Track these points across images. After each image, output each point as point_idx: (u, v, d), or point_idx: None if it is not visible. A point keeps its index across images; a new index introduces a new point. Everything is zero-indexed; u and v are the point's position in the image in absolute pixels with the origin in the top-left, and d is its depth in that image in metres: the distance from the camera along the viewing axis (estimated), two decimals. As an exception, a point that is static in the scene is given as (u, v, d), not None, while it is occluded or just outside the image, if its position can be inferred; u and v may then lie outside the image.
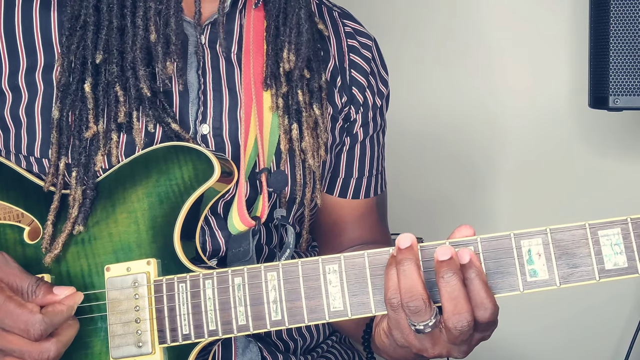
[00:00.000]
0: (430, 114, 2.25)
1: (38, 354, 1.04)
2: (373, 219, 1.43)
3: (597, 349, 2.25)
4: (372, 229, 1.43)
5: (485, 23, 2.23)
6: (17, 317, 1.04)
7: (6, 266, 1.09)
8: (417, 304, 0.98)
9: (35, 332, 1.04)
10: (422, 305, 0.98)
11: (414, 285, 0.98)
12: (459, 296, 0.97)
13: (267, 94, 1.24)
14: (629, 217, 1.00)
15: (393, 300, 0.99)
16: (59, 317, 1.07)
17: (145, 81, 1.16)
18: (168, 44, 1.17)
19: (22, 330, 1.04)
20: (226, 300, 1.08)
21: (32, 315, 1.04)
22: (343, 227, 1.41)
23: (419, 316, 0.98)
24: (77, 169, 1.15)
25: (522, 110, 2.25)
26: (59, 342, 1.06)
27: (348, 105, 1.35)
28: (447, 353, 1.04)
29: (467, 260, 0.98)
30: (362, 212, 1.41)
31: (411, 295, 0.98)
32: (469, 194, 2.28)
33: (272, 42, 1.25)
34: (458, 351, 1.04)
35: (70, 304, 1.09)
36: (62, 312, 1.08)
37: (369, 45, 1.39)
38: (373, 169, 1.41)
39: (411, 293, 0.98)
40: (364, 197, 1.41)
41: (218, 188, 1.16)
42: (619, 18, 1.77)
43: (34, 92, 1.18)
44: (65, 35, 1.16)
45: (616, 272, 0.99)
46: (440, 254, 0.98)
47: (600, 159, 2.24)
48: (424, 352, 1.04)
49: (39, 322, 1.04)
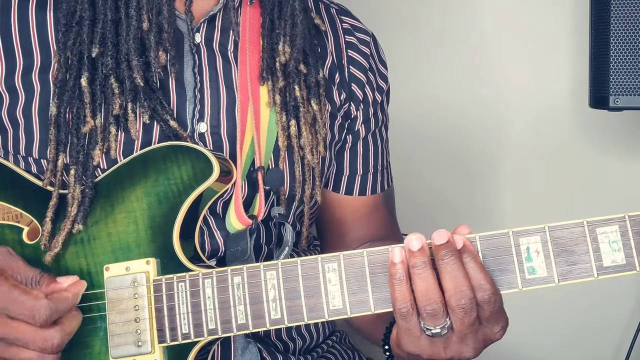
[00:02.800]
0: (429, 113, 2.25)
1: (42, 342, 1.04)
2: (381, 216, 1.43)
3: (598, 348, 2.25)
4: (381, 226, 1.43)
5: (484, 22, 2.23)
6: (22, 304, 1.03)
7: (10, 258, 1.10)
8: (435, 307, 0.99)
9: (40, 317, 1.03)
10: (439, 309, 0.99)
11: (430, 287, 0.99)
12: (459, 275, 0.99)
13: (264, 90, 1.25)
14: (627, 214, 1.00)
15: (403, 310, 1.00)
16: (64, 304, 1.07)
17: (138, 71, 1.16)
18: (160, 32, 1.17)
19: (27, 316, 1.03)
20: (225, 299, 1.08)
21: (38, 301, 1.04)
22: (351, 225, 1.41)
23: (436, 319, 1.00)
24: (76, 167, 1.15)
25: (522, 110, 2.25)
26: (63, 331, 1.06)
27: (347, 102, 1.35)
28: (458, 355, 1.04)
29: (461, 245, 1.01)
30: (370, 209, 1.41)
31: (428, 299, 0.99)
32: (468, 193, 2.28)
33: (268, 35, 1.26)
34: (468, 350, 1.04)
35: (75, 291, 1.09)
36: (68, 298, 1.08)
37: (367, 41, 1.39)
38: (378, 165, 1.41)
39: (428, 296, 0.99)
40: (371, 193, 1.41)
41: (217, 188, 1.16)
42: (620, 18, 1.77)
43: (31, 93, 1.18)
44: (62, 32, 1.17)
45: (614, 269, 1.00)
46: (437, 239, 1.01)
47: (600, 158, 2.23)
48: (435, 357, 1.04)
49: (44, 307, 1.04)
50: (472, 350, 1.04)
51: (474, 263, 1.00)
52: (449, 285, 0.99)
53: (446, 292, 0.99)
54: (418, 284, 1.00)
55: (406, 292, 1.00)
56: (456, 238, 1.01)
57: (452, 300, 0.99)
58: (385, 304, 1.04)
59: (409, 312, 1.00)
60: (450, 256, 1.00)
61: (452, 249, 1.00)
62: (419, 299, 1.00)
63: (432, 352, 1.04)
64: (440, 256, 1.00)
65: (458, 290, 0.99)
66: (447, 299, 0.99)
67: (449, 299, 0.99)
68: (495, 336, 1.04)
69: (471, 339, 1.03)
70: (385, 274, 1.04)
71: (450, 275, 0.99)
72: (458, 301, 0.99)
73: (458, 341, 1.02)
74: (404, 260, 1.01)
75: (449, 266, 0.99)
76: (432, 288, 0.99)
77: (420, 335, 1.02)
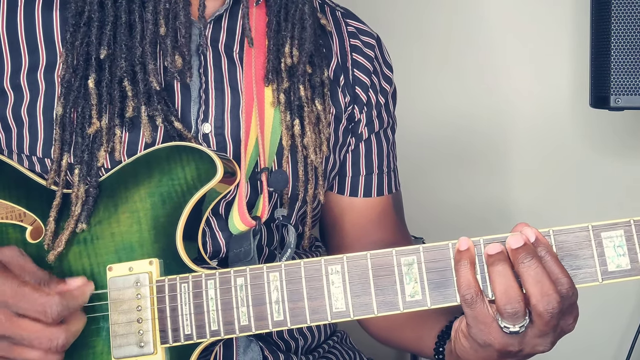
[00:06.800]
0: (430, 114, 2.25)
1: (48, 341, 1.04)
2: (392, 220, 1.42)
3: (598, 350, 2.25)
4: (393, 231, 1.41)
5: (485, 23, 2.23)
6: (34, 300, 1.03)
7: (21, 258, 1.10)
8: (516, 307, 0.97)
9: (53, 313, 1.03)
10: (520, 309, 0.97)
11: (510, 285, 0.97)
12: (543, 278, 0.96)
13: (268, 90, 1.24)
14: (632, 219, 1.00)
15: (467, 296, 0.99)
16: (74, 302, 1.07)
17: (155, 75, 1.16)
18: (177, 37, 1.17)
19: (39, 312, 1.03)
20: (228, 301, 1.08)
21: (50, 297, 1.04)
22: (361, 231, 1.39)
23: (516, 319, 0.98)
24: (80, 167, 1.15)
25: (522, 110, 2.25)
26: (68, 331, 1.06)
27: (352, 105, 1.34)
28: (531, 349, 1.02)
29: (533, 238, 0.98)
30: (379, 212, 1.40)
31: (508, 299, 0.97)
32: (471, 194, 2.28)
33: (274, 37, 1.25)
34: (545, 344, 1.02)
35: (84, 290, 1.09)
36: (77, 297, 1.08)
37: (372, 44, 1.38)
38: (383, 166, 1.40)
39: (508, 296, 0.97)
40: (377, 194, 1.39)
41: (220, 189, 1.16)
42: (620, 17, 1.77)
43: (36, 92, 1.18)
44: (70, 32, 1.17)
45: (619, 273, 0.99)
46: (513, 243, 0.98)
47: (601, 158, 2.24)
48: (509, 347, 1.01)
49: (56, 304, 1.04)
50: (548, 344, 1.02)
51: (550, 256, 0.98)
52: (534, 291, 0.96)
53: (532, 296, 0.97)
54: (497, 282, 0.98)
55: (471, 278, 0.99)
56: (527, 232, 0.99)
57: (540, 306, 0.96)
58: (388, 307, 1.03)
59: (473, 299, 0.98)
60: (531, 258, 0.97)
61: (531, 250, 0.97)
62: (498, 298, 0.97)
63: (505, 343, 1.01)
64: (520, 260, 0.97)
65: (545, 294, 0.96)
66: (534, 303, 0.97)
67: (535, 303, 0.96)
68: (568, 328, 1.02)
69: (550, 335, 1.01)
70: (388, 277, 1.03)
71: (535, 280, 0.96)
72: (546, 307, 0.96)
73: (536, 337, 1.00)
74: (470, 248, 1.00)
75: (532, 270, 0.96)
76: (511, 287, 0.97)
77: (491, 323, 0.99)
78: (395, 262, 1.04)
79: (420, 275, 1.03)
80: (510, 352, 1.02)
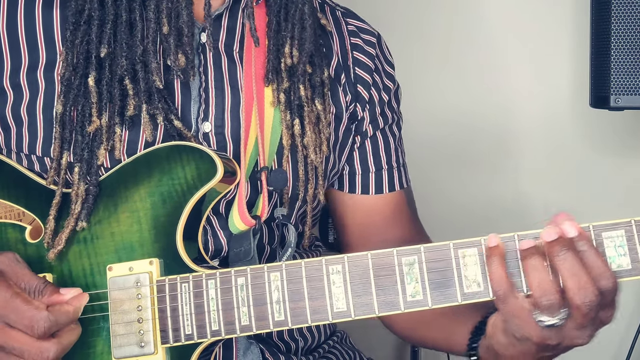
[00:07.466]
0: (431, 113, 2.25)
1: (37, 354, 1.04)
2: (406, 216, 1.41)
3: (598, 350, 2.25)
4: (409, 227, 1.40)
5: (485, 23, 2.23)
6: (22, 313, 1.03)
7: (16, 265, 1.10)
8: (552, 299, 0.96)
9: (39, 329, 1.03)
10: (556, 300, 0.96)
11: (543, 278, 0.97)
12: (579, 270, 0.96)
13: (268, 90, 1.24)
14: (633, 219, 1.00)
15: (499, 292, 0.99)
16: (64, 317, 1.07)
17: (157, 73, 1.16)
18: (180, 36, 1.17)
19: (26, 326, 1.03)
20: (229, 301, 1.07)
21: (38, 312, 1.04)
22: (376, 229, 1.38)
23: (552, 311, 0.97)
24: (80, 165, 1.15)
25: (522, 110, 2.25)
26: (60, 344, 1.06)
27: (353, 103, 1.34)
28: (570, 342, 1.02)
29: (575, 234, 0.98)
30: (393, 208, 1.39)
31: (543, 291, 0.97)
32: (473, 194, 2.28)
33: (274, 37, 1.25)
34: (584, 337, 1.01)
35: (76, 305, 1.09)
36: (69, 312, 1.07)
37: (373, 42, 1.38)
38: (392, 161, 1.39)
39: (542, 288, 0.97)
40: (389, 190, 1.38)
41: (220, 188, 1.16)
42: (620, 17, 1.77)
43: (36, 91, 1.18)
44: (70, 30, 1.16)
45: (620, 273, 0.99)
46: (547, 236, 0.98)
47: (601, 158, 2.24)
48: (547, 341, 1.01)
49: (43, 319, 1.03)
50: (587, 337, 1.01)
51: (591, 250, 0.97)
52: (571, 284, 0.96)
53: (569, 290, 0.96)
54: (531, 275, 0.97)
55: (502, 274, 0.98)
56: (567, 227, 0.98)
57: (577, 299, 0.96)
58: (389, 307, 1.03)
59: (506, 294, 0.98)
60: (566, 251, 0.96)
61: (566, 243, 0.97)
62: (533, 291, 0.97)
63: (543, 336, 1.00)
64: (555, 253, 0.96)
65: (582, 287, 0.96)
66: (571, 296, 0.96)
67: (572, 296, 0.96)
68: (607, 320, 1.02)
69: (589, 327, 1.00)
70: (389, 277, 1.03)
71: (571, 272, 0.96)
72: (583, 299, 0.96)
73: (574, 329, 1.00)
74: (499, 244, 1.00)
75: (567, 263, 0.96)
76: (545, 279, 0.97)
77: (526, 317, 0.99)
78: (396, 262, 1.04)
79: (421, 275, 1.03)
80: (549, 346, 1.01)
